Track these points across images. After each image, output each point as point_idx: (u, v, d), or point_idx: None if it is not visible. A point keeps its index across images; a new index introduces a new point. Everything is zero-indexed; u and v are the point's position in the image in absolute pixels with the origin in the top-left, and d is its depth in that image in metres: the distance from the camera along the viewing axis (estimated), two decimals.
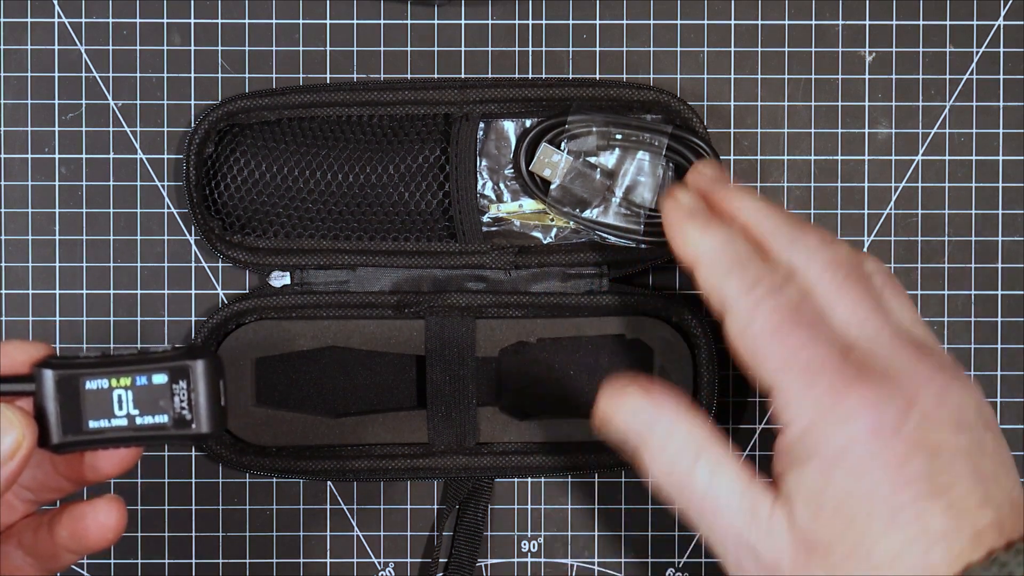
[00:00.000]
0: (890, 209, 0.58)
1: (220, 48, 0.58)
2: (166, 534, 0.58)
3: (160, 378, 0.43)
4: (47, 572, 0.47)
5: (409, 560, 0.58)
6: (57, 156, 0.58)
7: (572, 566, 0.58)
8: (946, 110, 0.58)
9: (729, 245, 0.45)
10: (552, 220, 0.57)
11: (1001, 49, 0.58)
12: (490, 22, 0.58)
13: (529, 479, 0.58)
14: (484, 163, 0.57)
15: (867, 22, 0.58)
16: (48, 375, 0.43)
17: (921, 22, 0.58)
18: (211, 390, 0.43)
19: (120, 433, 0.43)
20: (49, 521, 0.45)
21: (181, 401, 0.43)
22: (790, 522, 0.41)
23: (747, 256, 0.45)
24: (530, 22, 0.58)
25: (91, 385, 0.43)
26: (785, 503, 0.41)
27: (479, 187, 0.57)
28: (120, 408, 0.43)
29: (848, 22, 0.58)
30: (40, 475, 0.46)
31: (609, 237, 0.56)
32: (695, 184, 0.49)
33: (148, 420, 0.43)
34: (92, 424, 0.43)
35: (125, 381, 0.43)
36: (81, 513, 0.45)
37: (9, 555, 0.46)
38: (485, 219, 0.57)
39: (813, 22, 0.58)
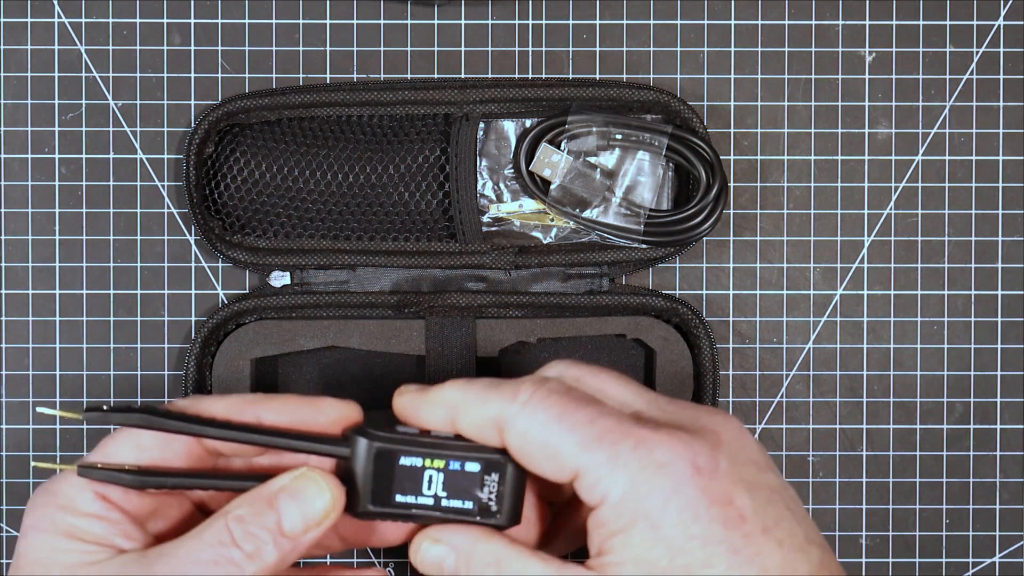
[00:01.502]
0: (890, 209, 0.58)
1: (220, 48, 0.58)
2: None
3: (473, 467, 0.44)
4: None
5: (409, 560, 0.58)
6: (57, 156, 0.57)
7: None
8: (946, 110, 0.58)
9: (466, 384, 0.45)
10: (552, 220, 0.57)
11: (1001, 49, 0.58)
12: (490, 22, 0.58)
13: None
14: (484, 163, 0.57)
15: (867, 22, 0.58)
16: (366, 445, 0.44)
17: (921, 22, 0.58)
18: (519, 486, 0.44)
19: (424, 511, 0.44)
20: None
21: (490, 492, 0.44)
22: None
23: (490, 383, 0.44)
24: (530, 22, 0.58)
25: (405, 461, 0.44)
26: (612, 571, 0.41)
27: (479, 187, 0.57)
28: (429, 488, 0.44)
29: (848, 22, 0.58)
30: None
31: (609, 237, 0.56)
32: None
33: (454, 503, 0.44)
34: (400, 498, 0.44)
35: (439, 463, 0.44)
36: None
37: None
38: (485, 219, 0.57)
39: (813, 22, 0.58)
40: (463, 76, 0.58)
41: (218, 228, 0.56)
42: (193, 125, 0.56)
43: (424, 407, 0.45)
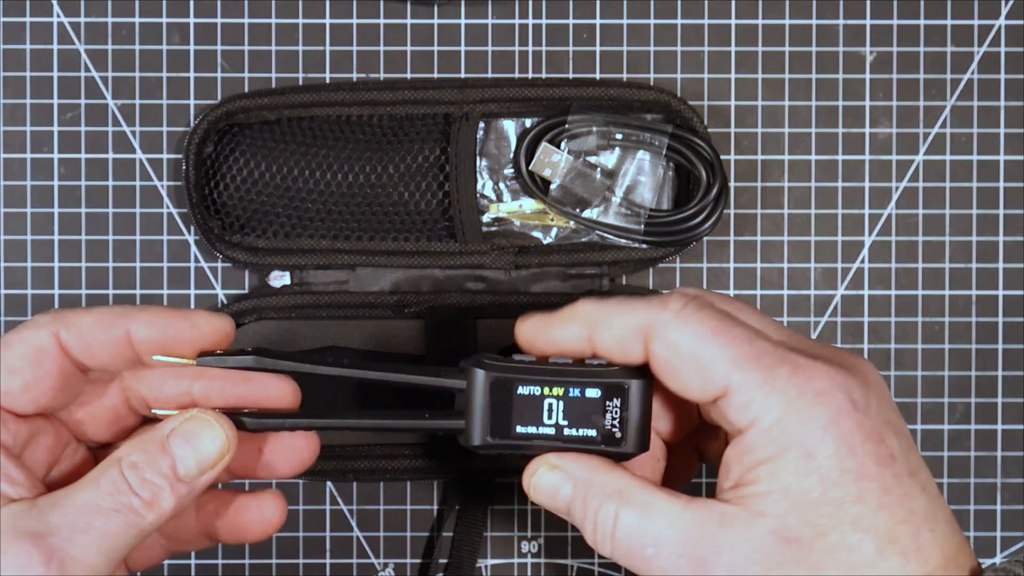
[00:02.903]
0: (891, 209, 0.58)
1: (219, 48, 0.57)
2: None
3: (594, 393, 0.42)
4: (173, 552, 0.46)
5: (409, 560, 0.58)
6: (56, 156, 0.57)
7: (572, 566, 0.58)
8: (947, 110, 0.58)
9: (601, 299, 0.43)
10: (552, 220, 0.57)
11: (1002, 49, 0.58)
12: (490, 22, 0.58)
13: None
14: (484, 163, 0.57)
15: (868, 21, 0.58)
16: (482, 375, 0.42)
17: (922, 21, 0.58)
18: (644, 411, 0.43)
19: (546, 442, 0.43)
20: (197, 508, 0.45)
21: (613, 418, 0.42)
22: (760, 522, 0.39)
23: (628, 297, 0.43)
24: (530, 22, 0.58)
25: (523, 390, 0.42)
26: (754, 503, 0.39)
27: (479, 187, 0.57)
28: (550, 417, 0.42)
29: (849, 21, 0.58)
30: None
31: (609, 237, 0.56)
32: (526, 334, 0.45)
33: (576, 432, 0.43)
34: (520, 429, 0.43)
35: (558, 391, 0.42)
36: (244, 506, 0.45)
37: None
38: (485, 219, 0.57)
39: (814, 21, 0.58)
40: (463, 76, 0.58)
41: (217, 228, 0.56)
42: (192, 125, 0.56)
43: (556, 324, 0.43)
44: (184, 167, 0.56)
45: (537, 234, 0.57)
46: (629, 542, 0.41)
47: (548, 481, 0.42)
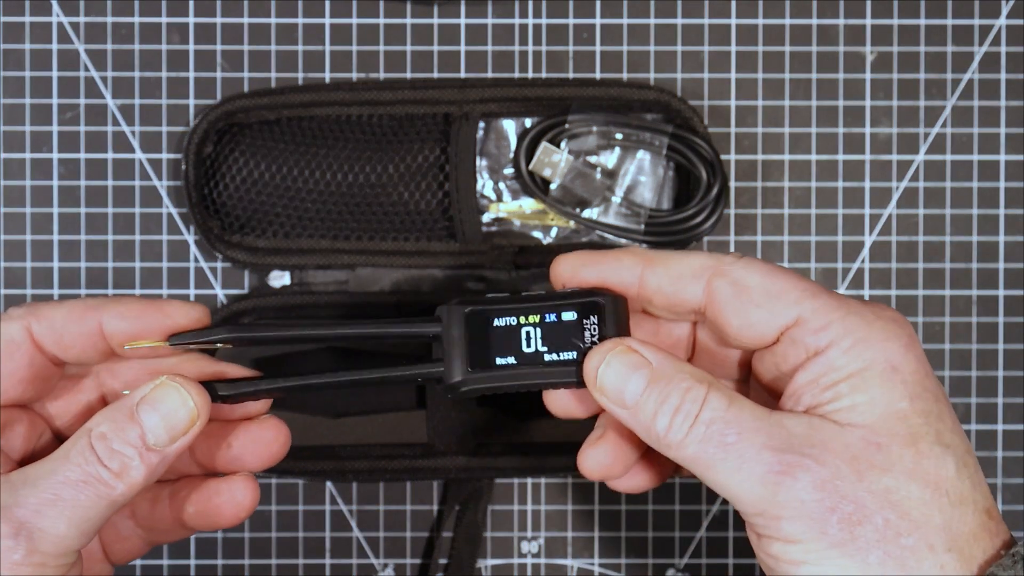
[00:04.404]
0: (891, 209, 0.58)
1: (219, 47, 0.57)
2: None
3: (570, 315, 0.42)
4: (153, 544, 0.46)
5: (409, 560, 0.58)
6: (55, 156, 0.57)
7: (572, 566, 0.58)
8: (947, 109, 0.58)
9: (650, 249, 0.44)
10: (552, 220, 0.57)
11: (1003, 48, 0.58)
12: (490, 21, 0.58)
13: (529, 479, 0.58)
14: (484, 163, 0.57)
15: (868, 21, 0.58)
16: (457, 311, 0.42)
17: (922, 21, 0.58)
18: (622, 326, 0.42)
19: (528, 369, 0.43)
20: (170, 496, 0.45)
21: (592, 336, 0.42)
22: (849, 430, 0.39)
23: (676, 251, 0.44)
24: (530, 21, 0.58)
25: (499, 322, 0.42)
26: (839, 416, 0.39)
27: (479, 187, 0.57)
28: (528, 345, 0.42)
29: (849, 21, 0.58)
30: (178, 464, 0.45)
31: (609, 237, 0.56)
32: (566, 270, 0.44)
33: (557, 356, 0.42)
34: (500, 360, 0.42)
35: (534, 318, 0.42)
36: (215, 491, 0.45)
37: (118, 523, 0.45)
38: (485, 219, 0.57)
39: (814, 21, 0.58)
40: (463, 76, 0.57)
41: (217, 228, 0.56)
42: (192, 124, 0.56)
43: (608, 256, 0.43)
44: (184, 167, 0.56)
45: (537, 234, 0.57)
46: (712, 427, 0.39)
47: (625, 362, 0.41)
